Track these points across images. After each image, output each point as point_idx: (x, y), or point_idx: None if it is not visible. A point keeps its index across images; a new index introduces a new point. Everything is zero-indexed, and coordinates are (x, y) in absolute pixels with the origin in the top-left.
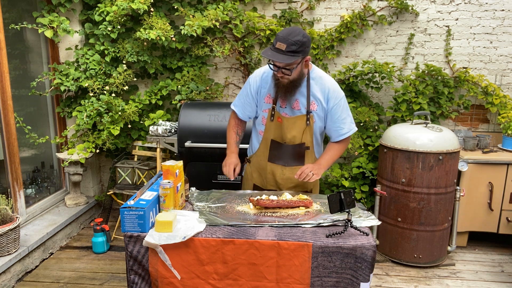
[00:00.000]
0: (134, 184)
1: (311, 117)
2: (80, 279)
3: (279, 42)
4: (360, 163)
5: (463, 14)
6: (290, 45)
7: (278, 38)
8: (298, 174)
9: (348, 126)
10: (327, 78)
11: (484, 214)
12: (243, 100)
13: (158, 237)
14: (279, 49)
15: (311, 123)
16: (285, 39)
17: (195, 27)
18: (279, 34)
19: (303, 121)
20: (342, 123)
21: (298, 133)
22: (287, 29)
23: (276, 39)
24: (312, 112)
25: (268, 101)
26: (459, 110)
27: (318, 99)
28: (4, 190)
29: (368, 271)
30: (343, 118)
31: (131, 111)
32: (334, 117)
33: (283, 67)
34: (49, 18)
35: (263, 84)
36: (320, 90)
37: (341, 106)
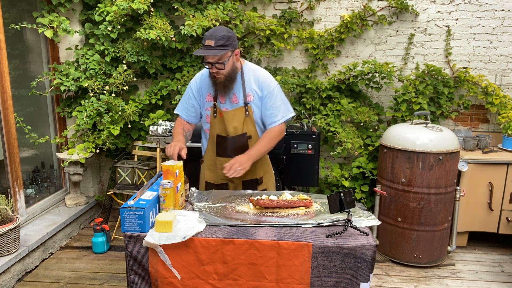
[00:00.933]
0: (134, 184)
1: (249, 108)
2: (80, 279)
3: (207, 40)
4: (360, 163)
5: (463, 14)
6: (217, 40)
7: (205, 36)
8: (226, 169)
9: (282, 113)
10: (259, 69)
11: (484, 214)
12: (186, 104)
13: (158, 237)
14: (209, 46)
15: (250, 114)
16: (212, 36)
17: (195, 27)
18: (205, 34)
19: (242, 112)
20: (276, 110)
21: (239, 124)
22: (212, 28)
23: (204, 38)
24: (250, 103)
25: (209, 100)
26: (459, 110)
27: (254, 90)
28: (4, 190)
29: (368, 271)
30: (277, 105)
31: (131, 111)
32: (268, 105)
33: (215, 62)
34: (49, 18)
35: (203, 85)
36: (254, 81)
37: (274, 94)
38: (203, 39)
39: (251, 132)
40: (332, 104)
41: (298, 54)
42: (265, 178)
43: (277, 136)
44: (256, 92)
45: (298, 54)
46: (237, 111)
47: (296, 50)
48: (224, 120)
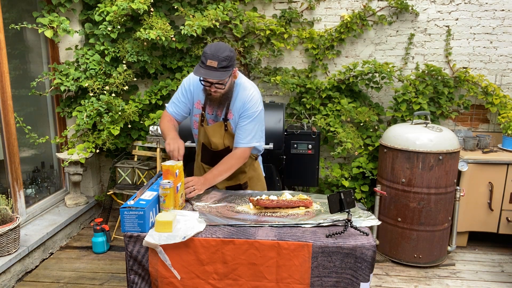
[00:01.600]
0: (134, 184)
1: (228, 124)
2: (80, 279)
3: (209, 60)
4: (360, 163)
5: (463, 14)
6: (221, 62)
7: (207, 56)
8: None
9: (250, 139)
10: (250, 89)
11: (484, 214)
12: (177, 101)
13: (158, 237)
14: (211, 67)
15: (229, 129)
16: (215, 56)
17: (195, 27)
18: (206, 52)
19: (222, 127)
20: (245, 132)
21: (219, 139)
22: (213, 45)
23: (205, 56)
24: (229, 120)
25: (198, 107)
26: (459, 110)
27: (236, 109)
28: (4, 190)
29: (368, 271)
30: (249, 129)
31: (131, 111)
32: (240, 124)
33: (216, 83)
34: (49, 18)
35: (195, 90)
36: (240, 100)
37: (252, 118)
38: (204, 57)
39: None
40: (332, 104)
41: (298, 54)
42: (251, 183)
43: (238, 161)
44: (237, 111)
45: (298, 54)
46: (217, 126)
47: (296, 50)
48: (206, 132)
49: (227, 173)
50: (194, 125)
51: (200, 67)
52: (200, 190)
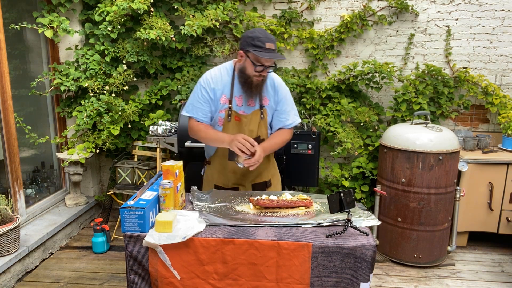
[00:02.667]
0: (134, 184)
1: (265, 111)
2: (80, 279)
3: (267, 43)
4: (360, 163)
5: (463, 14)
6: (275, 44)
7: (263, 39)
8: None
9: (292, 118)
10: (273, 73)
11: (484, 214)
12: (201, 105)
13: (158, 237)
14: (271, 49)
15: (265, 117)
16: (270, 39)
17: (195, 27)
18: (260, 36)
19: (258, 115)
20: (287, 114)
21: (255, 128)
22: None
23: (261, 41)
24: (265, 107)
25: (224, 102)
26: (459, 110)
27: (270, 94)
28: (4, 190)
29: (368, 271)
30: (288, 110)
31: (131, 111)
32: (281, 109)
33: (269, 65)
34: (49, 18)
35: (217, 86)
36: (270, 85)
37: (288, 99)
38: (260, 41)
39: (264, 135)
40: (332, 104)
41: (298, 54)
42: (274, 181)
43: (288, 139)
44: (271, 95)
45: (298, 54)
46: (253, 115)
47: (296, 50)
48: (241, 123)
49: (279, 146)
50: (219, 121)
51: (262, 52)
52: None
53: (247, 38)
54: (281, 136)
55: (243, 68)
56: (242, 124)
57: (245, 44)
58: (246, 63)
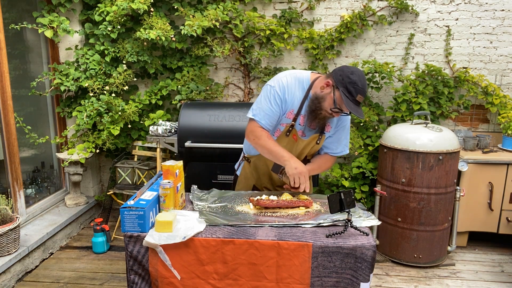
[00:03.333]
0: (134, 184)
1: (323, 137)
2: (80, 279)
3: (359, 95)
4: (360, 163)
5: (463, 14)
6: (364, 96)
7: (359, 90)
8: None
9: (342, 148)
10: None
11: (484, 214)
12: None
13: (158, 237)
14: (358, 102)
15: (320, 143)
16: (363, 91)
17: (195, 27)
18: (358, 84)
19: (315, 140)
20: (339, 143)
21: (306, 151)
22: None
23: (356, 89)
24: (325, 133)
25: (289, 117)
26: (459, 110)
27: (333, 122)
28: (4, 190)
29: (368, 271)
30: (342, 139)
31: (131, 111)
32: (337, 137)
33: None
34: (49, 18)
35: (288, 98)
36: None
37: (346, 128)
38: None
39: (311, 156)
40: None
41: (298, 54)
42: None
43: (330, 165)
44: (334, 123)
45: (298, 54)
46: (311, 140)
47: (296, 50)
48: (296, 145)
49: (321, 171)
50: (276, 132)
51: (350, 101)
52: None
53: (346, 76)
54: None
55: (321, 98)
56: (296, 146)
57: (340, 80)
58: (327, 96)
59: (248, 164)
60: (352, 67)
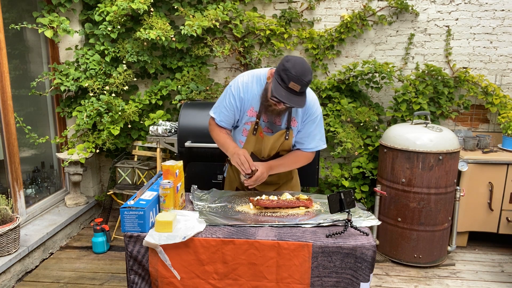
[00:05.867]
0: (134, 184)
1: (290, 133)
2: (80, 279)
3: (293, 83)
4: (360, 163)
5: (463, 14)
6: (303, 86)
7: (291, 77)
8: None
9: (316, 143)
10: (309, 92)
11: (484, 214)
12: (227, 112)
13: (158, 237)
14: (293, 90)
15: (289, 139)
16: (299, 80)
17: (195, 27)
18: (291, 72)
19: (283, 136)
20: (311, 138)
21: (275, 147)
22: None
23: (288, 76)
24: (292, 128)
25: (252, 115)
26: (459, 110)
27: (299, 115)
28: (4, 190)
29: (368, 271)
30: (314, 134)
31: (131, 111)
32: (306, 131)
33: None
34: (49, 18)
35: (246, 97)
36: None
37: (316, 123)
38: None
39: (284, 153)
40: (332, 104)
41: (298, 54)
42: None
43: (303, 162)
44: (300, 116)
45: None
46: (277, 135)
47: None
48: (262, 142)
49: (290, 167)
50: (243, 132)
51: (280, 87)
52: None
53: (281, 64)
54: (294, 158)
55: (266, 89)
56: (264, 143)
57: (277, 69)
58: (269, 86)
59: (231, 167)
60: (292, 56)
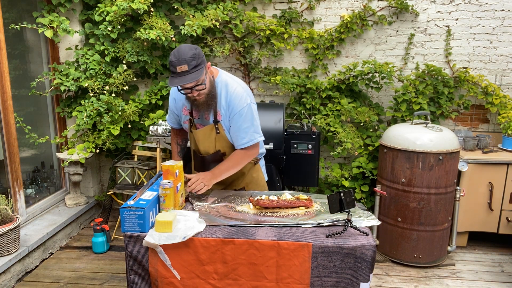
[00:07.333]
0: (134, 184)
1: (220, 126)
2: (80, 279)
3: (178, 66)
4: (360, 163)
5: (463, 14)
6: (190, 62)
7: (174, 63)
8: (189, 185)
9: (250, 136)
10: (232, 84)
11: (484, 214)
12: (171, 112)
13: (158, 237)
14: (183, 71)
15: (220, 131)
16: (181, 61)
17: (195, 27)
18: (172, 60)
19: (213, 130)
20: (243, 132)
21: (211, 143)
22: (175, 51)
23: (173, 65)
24: (220, 121)
25: (186, 113)
26: (459, 110)
27: (223, 108)
28: (4, 190)
29: (368, 271)
30: (244, 127)
31: (131, 111)
32: (235, 126)
33: (194, 85)
34: (49, 18)
35: (177, 97)
36: (224, 98)
37: (243, 115)
38: (172, 66)
39: (225, 149)
40: (332, 104)
41: (298, 54)
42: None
43: (245, 159)
44: (225, 110)
45: (298, 54)
46: (207, 129)
47: (296, 50)
48: (198, 137)
49: (235, 169)
50: (186, 132)
51: (172, 78)
52: (209, 185)
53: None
54: (234, 158)
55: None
56: (196, 139)
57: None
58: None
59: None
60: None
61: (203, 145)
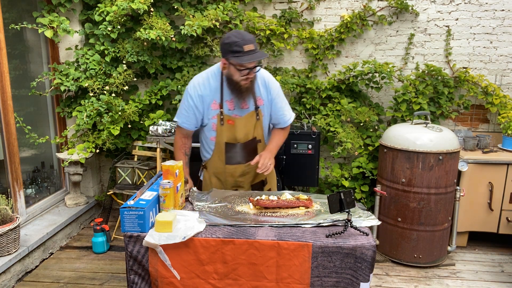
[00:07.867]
0: (134, 184)
1: (260, 112)
2: (80, 279)
3: (245, 45)
4: (360, 163)
5: (463, 14)
6: (254, 42)
7: (239, 43)
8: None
9: (289, 113)
10: (262, 70)
11: (484, 214)
12: (187, 113)
13: (158, 237)
14: (251, 50)
15: (260, 118)
16: (249, 40)
17: (195, 27)
18: (235, 40)
19: (253, 117)
20: (285, 110)
21: (250, 129)
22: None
23: (238, 44)
24: (260, 107)
25: (215, 107)
26: (459, 110)
27: (263, 94)
28: (4, 190)
29: (368, 271)
30: (283, 106)
31: (131, 111)
32: (277, 106)
33: (253, 66)
34: (49, 18)
35: (205, 93)
36: (261, 84)
37: (281, 96)
38: (237, 46)
39: (260, 136)
40: (332, 104)
41: (298, 54)
42: (269, 178)
43: (285, 136)
44: (265, 95)
45: (298, 54)
46: (248, 116)
47: (296, 50)
48: (234, 127)
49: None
50: (213, 127)
51: (241, 56)
52: (273, 163)
53: (225, 46)
54: (278, 137)
55: (229, 75)
56: (236, 127)
57: (225, 52)
58: (230, 70)
59: (206, 171)
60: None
61: (242, 132)
